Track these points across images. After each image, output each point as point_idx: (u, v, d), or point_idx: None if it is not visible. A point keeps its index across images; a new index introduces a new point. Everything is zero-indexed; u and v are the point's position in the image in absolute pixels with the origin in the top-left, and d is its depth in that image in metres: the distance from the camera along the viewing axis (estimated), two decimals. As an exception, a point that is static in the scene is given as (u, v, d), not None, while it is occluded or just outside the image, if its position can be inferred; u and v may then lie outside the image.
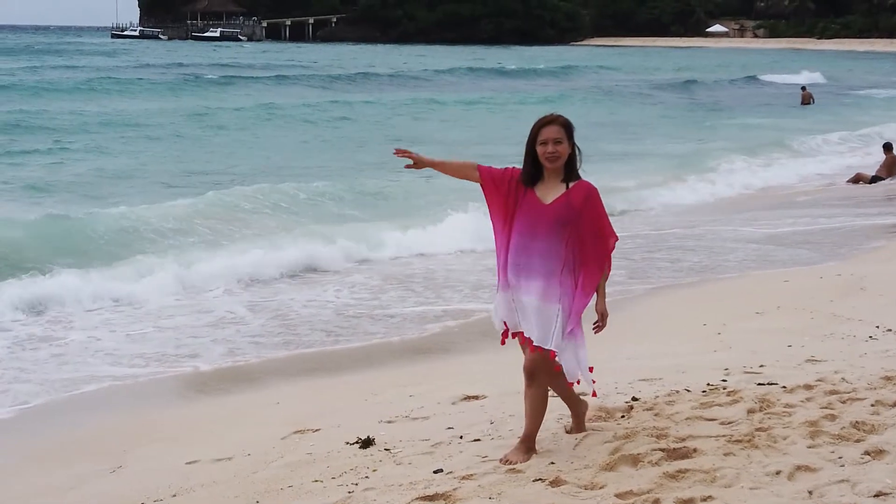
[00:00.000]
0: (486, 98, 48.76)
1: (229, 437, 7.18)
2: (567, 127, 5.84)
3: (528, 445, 5.96)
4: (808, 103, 48.02)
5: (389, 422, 7.03)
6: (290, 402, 8.08)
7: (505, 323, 5.98)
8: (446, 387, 7.75)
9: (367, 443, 6.46)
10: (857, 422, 6.03)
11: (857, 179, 22.99)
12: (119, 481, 6.52)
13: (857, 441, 5.76)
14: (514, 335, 5.99)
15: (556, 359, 5.85)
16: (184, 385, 9.17)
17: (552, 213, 5.80)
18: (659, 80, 65.36)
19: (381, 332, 10.73)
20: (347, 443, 6.53)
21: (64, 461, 7.08)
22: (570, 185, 5.85)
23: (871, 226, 16.87)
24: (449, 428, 6.67)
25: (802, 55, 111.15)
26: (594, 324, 5.91)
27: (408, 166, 6.00)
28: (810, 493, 5.06)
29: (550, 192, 5.85)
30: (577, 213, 5.80)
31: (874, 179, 22.66)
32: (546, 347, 5.79)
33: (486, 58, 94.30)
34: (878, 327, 8.80)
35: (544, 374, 5.90)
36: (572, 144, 5.85)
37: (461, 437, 6.45)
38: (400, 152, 5.94)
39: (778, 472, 5.33)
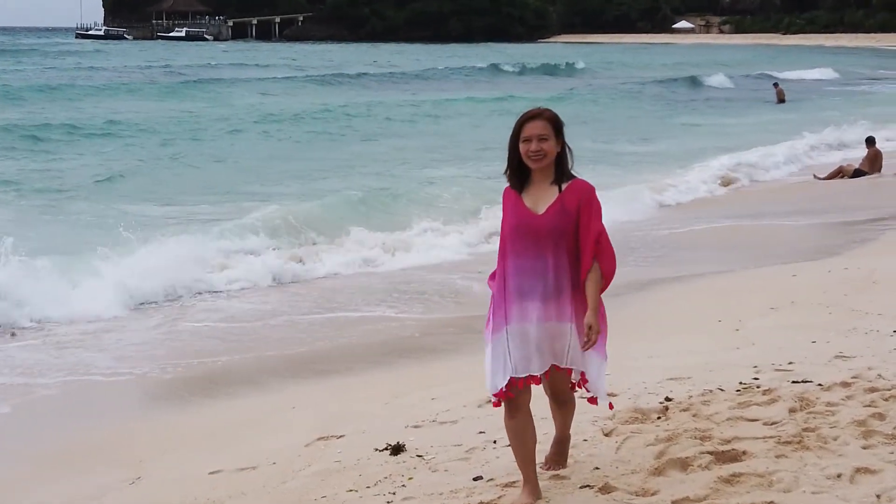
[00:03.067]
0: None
1: (250, 445, 6.92)
2: (554, 122, 5.16)
3: (562, 448, 5.65)
4: (783, 101, 48.05)
5: (416, 426, 6.78)
6: (307, 406, 7.82)
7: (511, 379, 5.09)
8: (470, 388, 7.48)
9: (397, 449, 6.22)
10: (907, 420, 5.86)
11: (838, 172, 22.89)
12: (141, 494, 6.25)
13: (913, 440, 5.59)
14: (520, 384, 5.11)
15: (572, 377, 5.27)
16: (185, 387, 8.89)
17: (548, 223, 5.09)
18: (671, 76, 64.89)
19: (394, 331, 10.49)
20: (377, 449, 6.29)
21: (83, 469, 6.81)
22: (563, 186, 5.15)
23: (854, 220, 16.77)
24: (480, 432, 6.44)
25: (816, 51, 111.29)
26: (582, 339, 5.12)
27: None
28: (878, 496, 4.86)
29: (542, 199, 5.15)
30: (573, 217, 5.10)
31: (857, 173, 22.59)
32: (562, 366, 5.17)
33: (479, 55, 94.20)
34: (900, 322, 8.65)
35: (568, 389, 5.37)
36: (561, 141, 5.17)
37: (494, 442, 6.22)
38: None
39: (839, 476, 5.13)
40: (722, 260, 13.58)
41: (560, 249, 5.10)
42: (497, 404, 5.24)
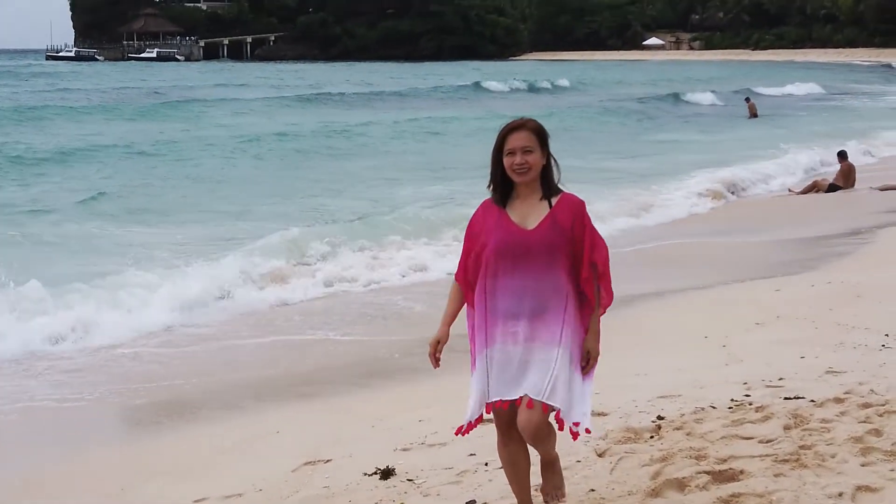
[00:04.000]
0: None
1: (235, 471, 6.75)
2: (538, 132, 4.91)
3: (553, 473, 5.23)
4: (755, 116, 48.23)
5: (405, 449, 6.65)
6: (292, 430, 7.64)
7: (487, 406, 4.95)
8: (457, 410, 7.24)
9: (387, 473, 6.10)
10: (905, 436, 5.78)
11: (813, 187, 22.94)
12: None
13: (913, 457, 5.51)
14: (494, 414, 4.96)
15: (552, 410, 4.85)
16: (163, 411, 8.70)
17: (539, 238, 4.84)
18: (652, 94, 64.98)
19: (374, 352, 10.35)
20: (366, 474, 6.16)
21: (60, 499, 6.63)
22: (553, 201, 4.93)
23: (829, 234, 16.77)
24: (471, 454, 6.32)
25: (790, 67, 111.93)
26: (581, 363, 4.95)
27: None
28: (882, 515, 4.79)
29: (531, 214, 4.90)
30: (568, 234, 4.86)
31: (832, 188, 22.63)
32: (538, 399, 4.77)
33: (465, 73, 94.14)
34: (887, 335, 8.59)
35: (548, 429, 4.92)
36: (546, 154, 4.93)
37: (486, 464, 6.11)
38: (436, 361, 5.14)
39: (840, 494, 5.05)
40: (702, 275, 13.49)
41: (552, 266, 4.86)
42: (460, 433, 5.10)
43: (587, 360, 4.97)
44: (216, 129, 39.73)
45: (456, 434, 5.10)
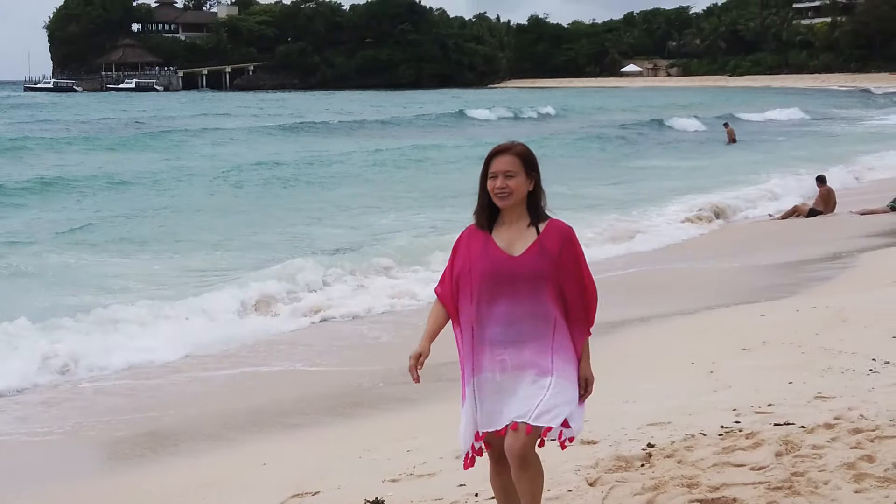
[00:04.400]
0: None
1: (221, 504, 6.67)
2: (523, 157, 4.81)
3: None
4: (733, 141, 48.48)
5: (394, 480, 6.56)
6: (278, 462, 7.54)
7: (477, 434, 4.83)
8: (444, 440, 7.27)
9: (376, 505, 6.02)
10: (898, 462, 5.75)
11: (793, 212, 23.02)
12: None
13: (906, 483, 5.47)
14: (486, 443, 4.86)
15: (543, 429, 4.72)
16: (142, 444, 8.59)
17: (526, 266, 4.75)
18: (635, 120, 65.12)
19: (357, 382, 10.27)
20: (355, 506, 6.09)
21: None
22: (541, 227, 4.84)
23: (811, 258, 16.81)
24: (461, 485, 6.24)
25: (769, 92, 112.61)
26: (579, 391, 4.85)
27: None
28: (878, 542, 4.74)
29: (518, 240, 4.81)
30: (556, 261, 4.77)
31: (812, 213, 22.71)
32: (522, 421, 4.67)
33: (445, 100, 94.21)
34: (874, 360, 8.56)
35: (534, 453, 4.77)
36: (533, 179, 4.83)
37: (476, 495, 6.04)
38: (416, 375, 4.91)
39: (834, 521, 5.02)
40: (685, 301, 13.46)
41: (538, 293, 4.76)
42: (467, 466, 4.94)
43: (585, 388, 4.89)
44: (198, 158, 39.73)
45: (465, 469, 4.98)
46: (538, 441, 4.75)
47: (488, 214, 4.88)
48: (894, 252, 16.77)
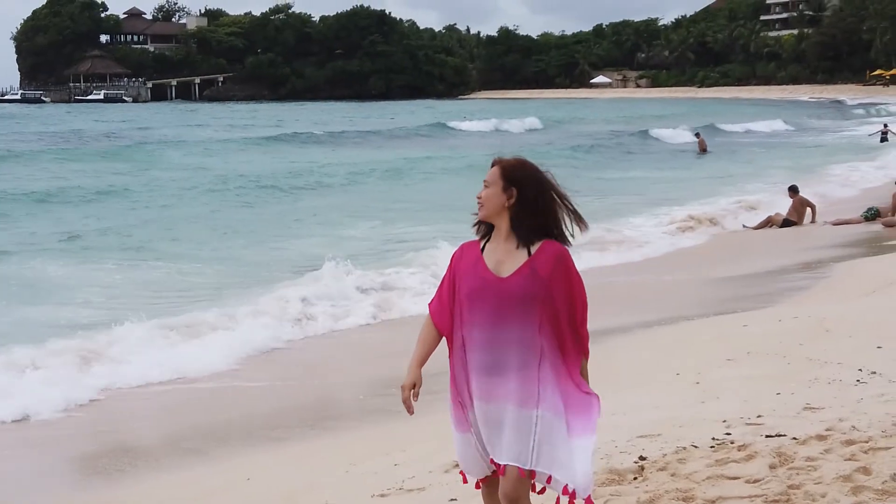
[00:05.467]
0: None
1: (208, 522, 6.55)
2: (505, 169, 4.57)
3: None
4: (704, 151, 48.74)
5: (383, 495, 6.46)
6: (262, 476, 7.43)
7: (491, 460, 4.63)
8: (433, 453, 7.19)
9: (366, 521, 5.92)
10: (895, 475, 5.68)
11: (768, 222, 23.08)
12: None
13: (905, 495, 5.42)
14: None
15: (536, 480, 4.56)
16: (121, 459, 8.44)
17: (514, 288, 4.48)
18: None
19: (337, 394, 10.16)
20: (344, 522, 5.99)
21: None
22: (533, 249, 4.53)
23: (786, 268, 16.85)
24: (452, 500, 6.15)
25: (742, 104, 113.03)
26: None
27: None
28: (880, 556, 4.68)
29: (508, 261, 4.54)
30: (547, 285, 4.49)
31: (786, 223, 22.77)
32: (526, 468, 4.47)
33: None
34: (860, 370, 8.53)
35: (526, 497, 4.55)
36: (512, 194, 4.54)
37: (468, 510, 5.95)
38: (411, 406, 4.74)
39: (836, 535, 4.96)
40: (663, 311, 13.42)
41: (526, 319, 4.48)
42: (478, 486, 4.83)
43: None
44: (175, 170, 39.48)
45: (477, 488, 4.83)
46: (531, 485, 4.56)
47: (480, 228, 4.67)
48: (869, 262, 16.82)
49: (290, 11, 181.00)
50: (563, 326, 4.54)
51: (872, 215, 21.99)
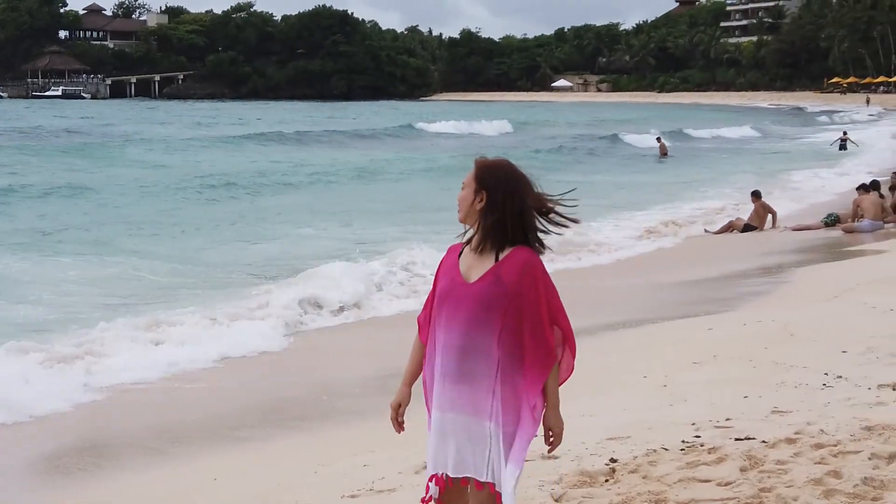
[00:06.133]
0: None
1: (174, 522, 6.46)
2: (479, 170, 4.39)
3: None
4: (665, 155, 49.04)
5: (353, 496, 6.41)
6: (230, 477, 7.34)
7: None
8: (402, 454, 7.14)
9: (337, 523, 5.87)
10: (865, 478, 5.72)
11: (729, 227, 23.19)
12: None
13: (875, 499, 5.45)
14: (450, 483, 4.38)
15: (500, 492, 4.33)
16: (87, 456, 8.32)
17: (475, 294, 4.30)
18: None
19: (303, 391, 10.09)
20: (314, 523, 5.93)
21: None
22: (502, 255, 4.34)
23: (748, 273, 16.97)
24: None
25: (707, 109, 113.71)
26: (547, 440, 4.44)
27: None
28: (855, 559, 4.70)
29: (476, 266, 4.36)
30: (511, 294, 4.28)
31: (747, 228, 22.88)
32: (482, 480, 4.29)
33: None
34: (826, 374, 8.59)
35: None
36: (487, 196, 4.34)
37: (440, 511, 5.90)
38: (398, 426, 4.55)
39: (809, 537, 4.98)
40: (626, 314, 13.43)
41: (485, 327, 4.28)
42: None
43: (548, 439, 4.43)
44: (136, 167, 38.99)
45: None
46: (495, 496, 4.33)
47: (467, 230, 4.49)
48: (830, 267, 16.97)
49: (251, 10, 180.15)
50: (525, 338, 4.30)
51: (832, 221, 22.17)
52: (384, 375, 10.29)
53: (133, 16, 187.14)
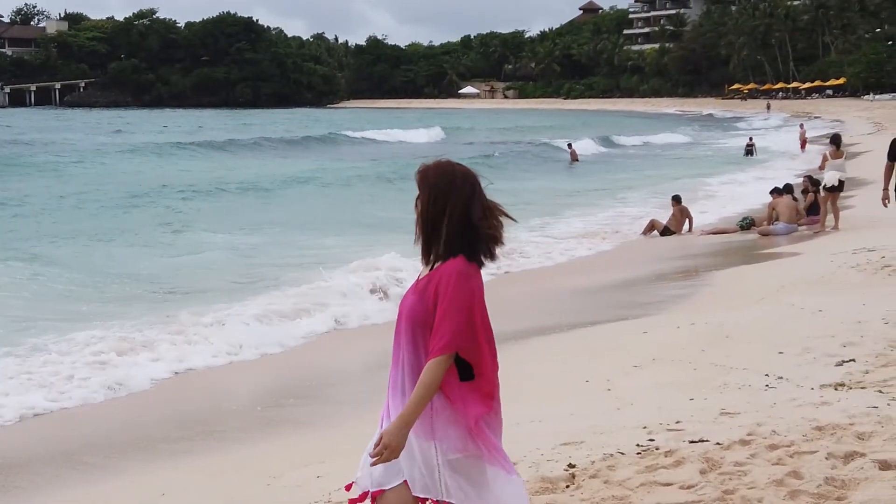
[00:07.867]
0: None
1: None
2: (419, 176, 4.18)
3: None
4: (576, 160, 49.57)
5: (313, 509, 6.31)
6: (178, 492, 7.15)
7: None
8: (354, 464, 7.00)
9: (298, 536, 5.74)
10: (827, 478, 5.77)
11: (651, 228, 23.37)
12: None
13: (839, 499, 5.50)
14: (373, 497, 4.25)
15: None
16: (19, 476, 8.05)
17: (405, 309, 4.17)
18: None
19: (236, 400, 9.92)
20: (274, 539, 5.79)
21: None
22: (437, 266, 4.14)
23: (667, 276, 17.16)
24: (384, 511, 6.01)
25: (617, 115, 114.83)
26: (373, 452, 4.11)
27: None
28: (829, 559, 4.73)
29: (421, 279, 4.21)
30: (430, 308, 4.08)
31: (666, 231, 23.09)
32: (438, 499, 4.13)
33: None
34: (767, 375, 8.69)
35: None
36: (432, 202, 4.11)
37: (402, 521, 5.81)
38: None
39: (782, 539, 5.00)
40: (553, 318, 13.42)
41: (416, 342, 4.11)
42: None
43: (376, 449, 4.09)
44: (50, 178, 38.02)
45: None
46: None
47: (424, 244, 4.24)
48: (751, 269, 17.21)
49: (154, 17, 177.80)
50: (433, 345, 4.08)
51: (748, 224, 22.51)
52: (325, 385, 10.20)
53: (32, 22, 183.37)
